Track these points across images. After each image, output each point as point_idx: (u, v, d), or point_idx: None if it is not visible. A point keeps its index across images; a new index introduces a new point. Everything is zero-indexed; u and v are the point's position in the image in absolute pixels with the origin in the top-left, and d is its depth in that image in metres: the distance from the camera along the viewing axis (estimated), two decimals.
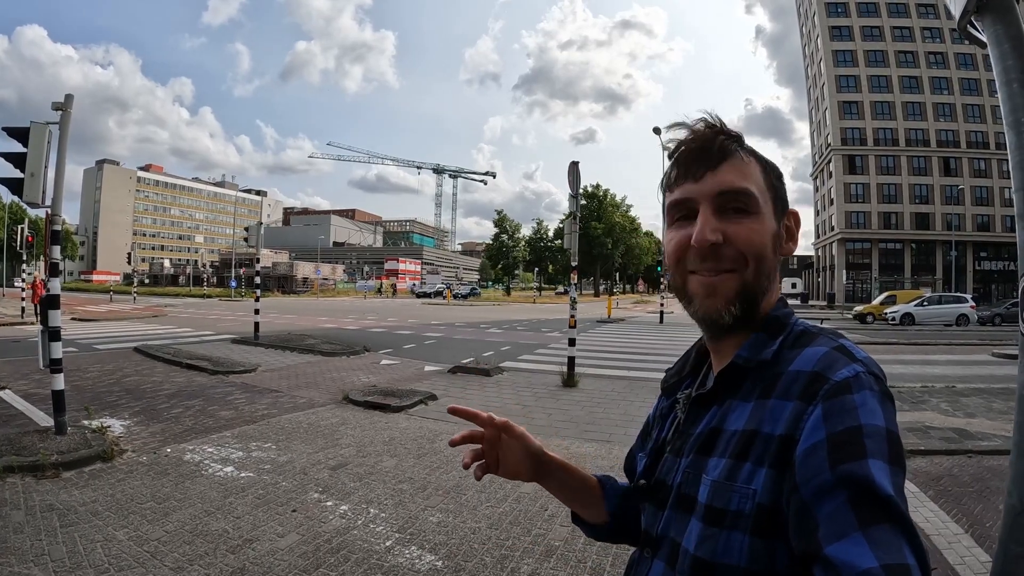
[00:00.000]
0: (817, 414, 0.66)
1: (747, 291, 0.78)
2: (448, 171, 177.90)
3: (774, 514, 0.66)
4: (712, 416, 0.79)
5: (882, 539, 0.57)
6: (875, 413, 0.65)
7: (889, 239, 61.82)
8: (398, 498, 4.48)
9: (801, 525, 0.62)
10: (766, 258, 0.79)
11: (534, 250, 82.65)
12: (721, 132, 0.81)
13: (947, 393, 8.99)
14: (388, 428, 6.60)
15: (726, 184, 0.78)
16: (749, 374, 0.77)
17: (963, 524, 4.15)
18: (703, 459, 0.76)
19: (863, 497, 0.59)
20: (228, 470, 5.04)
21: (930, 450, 5.91)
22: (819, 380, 0.69)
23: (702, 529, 0.71)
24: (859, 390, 0.66)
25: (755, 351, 0.78)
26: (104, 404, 7.37)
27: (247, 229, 16.52)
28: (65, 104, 5.89)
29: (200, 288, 59.51)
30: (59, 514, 3.99)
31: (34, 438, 5.53)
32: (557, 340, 17.79)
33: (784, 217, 0.84)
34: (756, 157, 0.82)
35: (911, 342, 19.10)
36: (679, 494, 0.78)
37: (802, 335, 0.79)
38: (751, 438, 0.71)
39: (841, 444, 0.63)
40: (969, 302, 29.68)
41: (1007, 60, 1.30)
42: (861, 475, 0.60)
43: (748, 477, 0.69)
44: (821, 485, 0.61)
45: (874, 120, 62.12)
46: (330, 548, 3.60)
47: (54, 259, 5.99)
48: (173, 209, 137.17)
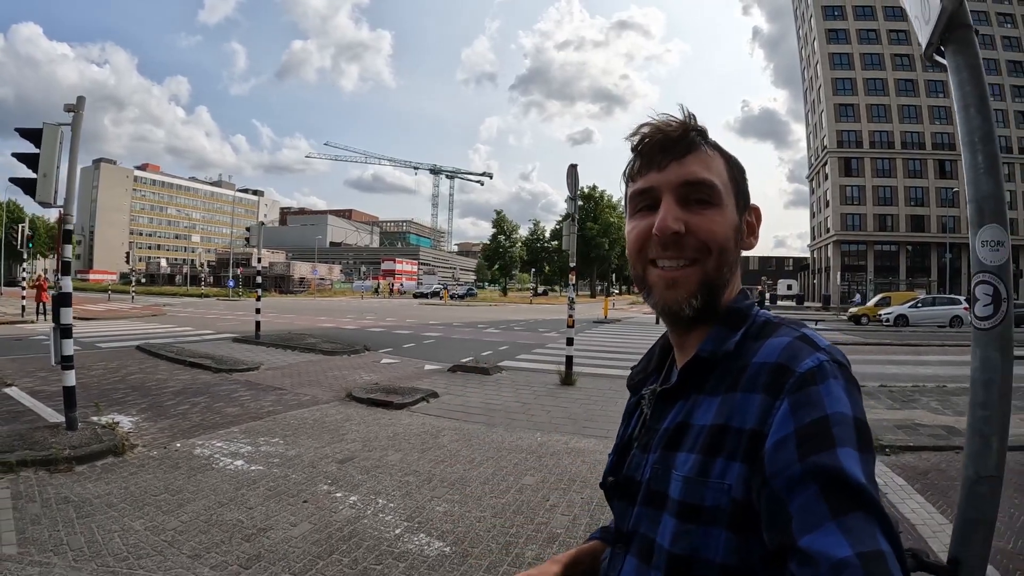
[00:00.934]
0: (784, 407, 0.66)
1: (708, 283, 0.79)
2: (445, 172, 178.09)
3: (748, 509, 0.66)
4: (678, 411, 0.79)
5: (855, 527, 0.57)
6: (841, 401, 0.66)
7: (884, 241, 62.11)
8: (405, 489, 4.62)
9: (774, 518, 0.62)
10: (728, 250, 0.79)
11: (531, 251, 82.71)
12: (686, 125, 0.81)
13: (938, 392, 9.12)
14: (392, 424, 6.73)
15: (690, 175, 0.79)
16: (714, 368, 0.77)
17: (948, 516, 4.28)
18: (671, 454, 0.76)
19: (834, 487, 0.60)
20: (238, 464, 5.17)
21: (918, 446, 6.03)
22: (784, 372, 0.69)
23: (676, 525, 0.71)
24: (823, 380, 0.67)
25: (718, 343, 0.78)
26: (111, 401, 7.48)
27: (248, 229, 16.63)
28: (77, 106, 6.00)
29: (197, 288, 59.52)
30: (75, 506, 4.10)
31: (45, 433, 5.63)
32: (554, 340, 17.91)
33: (746, 212, 0.85)
34: (720, 151, 0.83)
35: (904, 343, 19.26)
36: (648, 490, 0.78)
37: (764, 326, 0.79)
38: (721, 433, 0.71)
39: (809, 436, 0.63)
40: (963, 304, 29.81)
41: (965, 87, 1.48)
42: (831, 465, 0.61)
43: (721, 472, 0.69)
44: (791, 477, 0.62)
45: (870, 123, 62.44)
46: (342, 536, 3.74)
47: (66, 258, 6.12)
48: (170, 208, 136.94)
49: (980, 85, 1.49)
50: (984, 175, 1.50)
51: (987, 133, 1.50)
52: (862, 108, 62.75)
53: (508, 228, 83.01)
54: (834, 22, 64.25)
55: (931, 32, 1.52)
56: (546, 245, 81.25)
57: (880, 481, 5.01)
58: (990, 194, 1.47)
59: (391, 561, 3.43)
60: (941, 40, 1.52)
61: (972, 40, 1.49)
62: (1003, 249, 1.46)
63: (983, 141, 1.51)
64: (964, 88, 1.51)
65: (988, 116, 1.50)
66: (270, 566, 3.31)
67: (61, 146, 5.97)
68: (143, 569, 3.24)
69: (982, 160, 1.50)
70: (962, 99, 1.52)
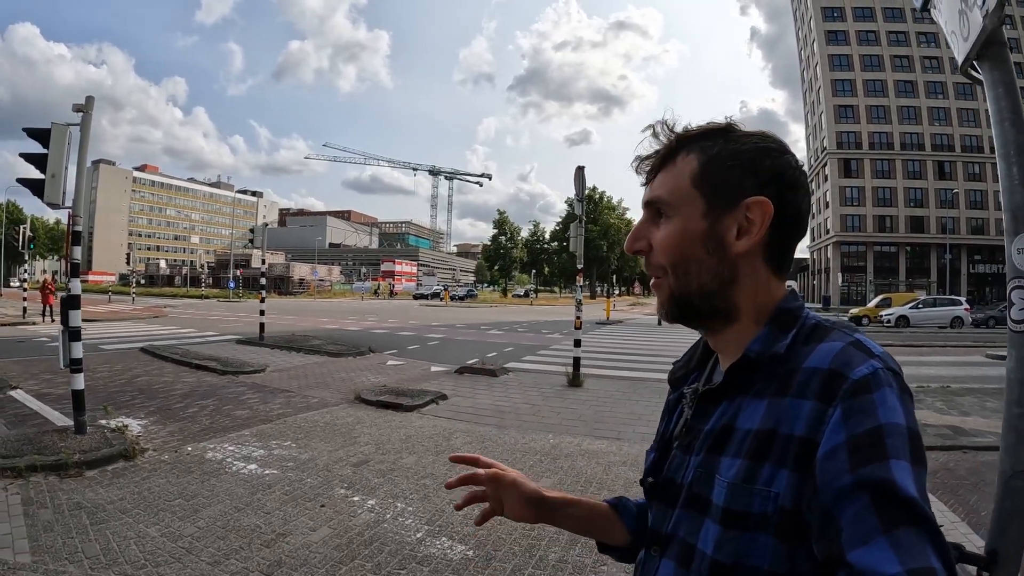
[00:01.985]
0: (837, 415, 0.64)
1: (675, 294, 0.79)
2: (444, 173, 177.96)
3: (796, 517, 0.65)
4: (722, 413, 0.77)
5: (906, 543, 0.56)
6: (895, 411, 0.64)
7: (884, 242, 62.13)
8: (422, 493, 4.58)
9: (823, 530, 0.61)
10: (689, 260, 0.77)
11: (531, 252, 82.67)
12: (665, 139, 0.81)
13: (942, 393, 9.14)
14: (403, 427, 6.69)
15: (649, 194, 0.82)
16: (761, 369, 0.75)
17: (959, 513, 4.34)
18: (715, 458, 0.74)
19: (885, 500, 0.58)
20: (252, 468, 5.12)
21: (927, 446, 5.92)
22: (837, 378, 0.67)
23: (721, 532, 0.70)
24: (878, 388, 0.65)
25: (767, 345, 0.75)
26: (119, 404, 7.43)
27: (252, 231, 16.58)
28: (86, 106, 5.96)
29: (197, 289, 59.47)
30: (88, 512, 4.04)
31: (54, 437, 5.57)
32: (558, 341, 17.90)
33: (731, 210, 0.77)
34: (703, 152, 0.78)
35: (906, 344, 19.29)
36: (690, 493, 0.76)
37: (815, 329, 0.76)
38: (769, 438, 0.69)
39: (862, 446, 0.62)
40: (964, 304, 29.91)
41: (1000, 101, 1.53)
42: (882, 477, 0.59)
43: (768, 479, 0.67)
44: (842, 489, 0.60)
45: (869, 124, 62.47)
46: (363, 540, 3.70)
47: (75, 260, 6.07)
48: (169, 209, 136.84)
49: (1015, 99, 1.53)
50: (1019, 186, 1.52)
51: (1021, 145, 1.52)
52: (862, 109, 62.78)
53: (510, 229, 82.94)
54: (833, 23, 64.29)
55: (969, 48, 1.55)
56: (546, 246, 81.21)
57: None
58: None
59: (415, 566, 3.38)
60: (978, 56, 1.55)
61: (1007, 57, 1.54)
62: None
63: (1018, 153, 1.53)
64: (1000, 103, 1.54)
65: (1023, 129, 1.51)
66: (292, 572, 3.26)
67: (69, 146, 5.92)
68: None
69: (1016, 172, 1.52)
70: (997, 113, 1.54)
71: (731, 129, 0.80)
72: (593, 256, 73.73)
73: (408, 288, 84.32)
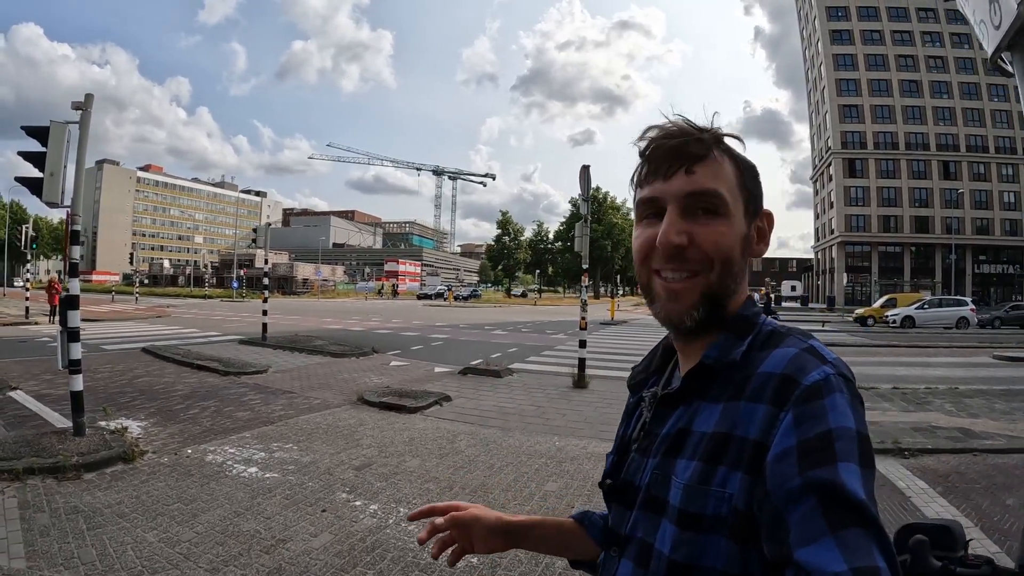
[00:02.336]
0: (788, 420, 0.66)
1: (711, 295, 0.77)
2: (448, 173, 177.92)
3: (749, 519, 0.66)
4: (679, 416, 0.78)
5: (852, 543, 0.57)
6: (845, 415, 0.65)
7: (889, 242, 61.98)
8: (426, 497, 4.49)
9: (773, 530, 0.62)
10: (733, 261, 0.78)
11: (535, 252, 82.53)
12: (696, 131, 0.79)
13: (950, 394, 9.09)
14: (407, 429, 6.60)
15: (695, 185, 0.77)
16: (718, 375, 0.76)
17: (972, 518, 4.26)
18: (671, 460, 0.75)
19: (833, 501, 0.59)
20: (252, 471, 5.04)
21: (937, 449, 6.02)
22: (790, 383, 0.68)
23: (677, 532, 0.71)
24: (829, 393, 0.66)
25: (724, 352, 0.77)
26: (119, 405, 7.36)
27: (255, 230, 16.55)
28: (85, 103, 5.89)
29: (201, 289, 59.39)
30: (85, 516, 3.97)
31: (52, 439, 5.51)
32: (562, 342, 17.83)
33: (757, 218, 0.83)
34: (732, 156, 0.81)
35: (912, 344, 19.16)
36: (648, 495, 0.77)
37: (771, 335, 0.77)
38: (724, 441, 0.70)
39: (811, 450, 0.63)
40: (969, 305, 29.75)
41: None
42: (830, 480, 0.60)
43: (723, 481, 0.69)
44: (791, 490, 0.61)
45: (874, 124, 62.32)
46: (364, 547, 3.61)
47: (73, 259, 6.00)
48: (173, 209, 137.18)
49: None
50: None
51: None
52: (866, 109, 62.60)
53: (513, 229, 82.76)
54: (838, 23, 64.11)
55: (1000, 37, 1.45)
56: (550, 246, 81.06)
57: (903, 484, 4.99)
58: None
59: (418, 573, 3.30)
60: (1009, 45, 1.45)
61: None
62: None
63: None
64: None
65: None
66: None
67: (68, 145, 5.85)
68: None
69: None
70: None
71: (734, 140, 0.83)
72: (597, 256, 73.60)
73: (412, 288, 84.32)
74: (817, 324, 29.21)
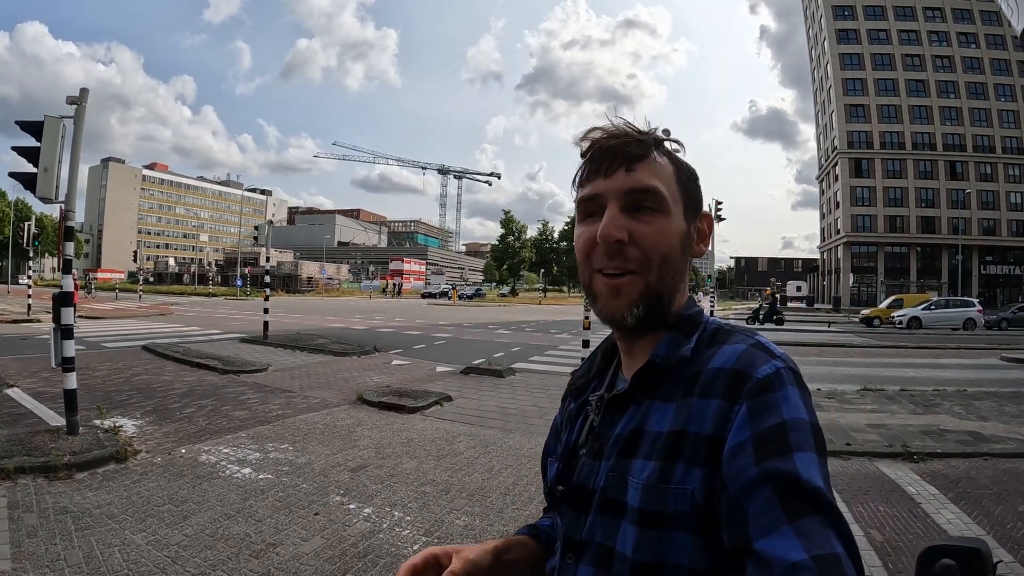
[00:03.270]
0: (743, 413, 0.67)
1: (650, 292, 0.78)
2: (453, 172, 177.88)
3: (711, 512, 0.66)
4: (631, 417, 0.78)
5: (810, 531, 0.58)
6: (798, 407, 0.67)
7: (895, 243, 61.81)
8: (422, 501, 4.40)
9: (732, 522, 0.63)
10: (672, 259, 0.79)
11: (539, 251, 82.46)
12: (637, 133, 0.81)
13: (959, 396, 8.94)
14: (405, 429, 6.51)
15: (635, 183, 0.78)
16: (667, 373, 0.77)
17: (984, 526, 4.14)
18: (626, 461, 0.74)
19: (790, 491, 0.60)
20: (246, 472, 4.95)
21: (947, 453, 5.90)
22: (741, 377, 0.70)
23: (638, 533, 0.70)
24: (781, 386, 0.68)
25: (672, 350, 0.78)
26: (115, 403, 7.28)
27: (257, 228, 16.48)
28: (80, 98, 5.81)
29: (205, 287, 59.63)
30: (74, 517, 3.89)
31: (45, 438, 5.44)
32: (566, 342, 17.75)
33: (696, 219, 0.85)
34: (671, 158, 0.83)
35: (920, 345, 19.00)
36: (604, 498, 0.76)
37: (717, 332, 0.79)
38: (679, 438, 0.71)
39: (766, 440, 0.64)
40: (977, 306, 29.54)
41: None
42: (787, 470, 0.61)
43: (682, 478, 0.69)
44: (748, 481, 0.62)
45: (880, 124, 62.13)
46: (356, 552, 3.51)
47: (67, 256, 5.91)
48: (178, 208, 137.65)
49: None
50: None
51: None
52: (872, 109, 62.41)
53: (516, 228, 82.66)
54: (844, 22, 63.93)
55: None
56: (555, 246, 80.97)
57: (912, 490, 4.86)
58: None
59: None
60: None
61: None
62: None
63: None
64: None
65: None
66: None
67: (63, 140, 5.78)
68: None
69: None
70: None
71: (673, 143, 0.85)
72: None
73: (416, 287, 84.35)
74: (823, 325, 29.05)
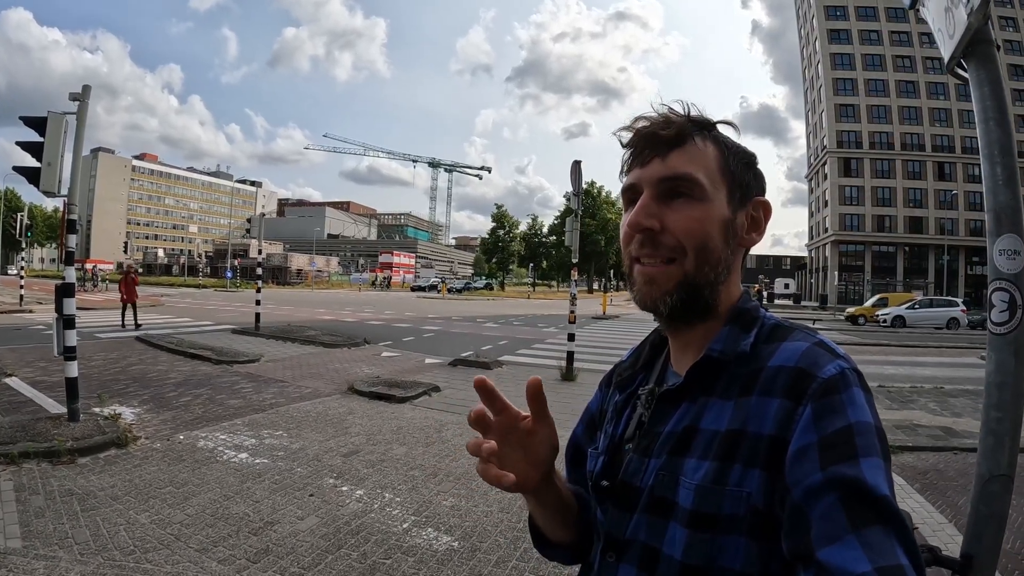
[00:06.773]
0: (808, 414, 0.65)
1: (687, 282, 0.75)
2: (444, 165, 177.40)
3: (768, 517, 0.65)
4: (683, 414, 0.75)
5: (874, 541, 0.56)
6: (863, 410, 0.65)
7: (882, 242, 62.20)
8: (411, 484, 4.64)
9: (794, 528, 0.61)
10: (710, 247, 0.76)
11: (528, 245, 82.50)
12: (674, 118, 0.78)
13: (935, 393, 9.18)
14: (395, 418, 6.74)
15: (668, 170, 0.76)
16: (724, 369, 0.74)
17: (947, 515, 4.39)
18: (679, 460, 0.72)
19: (855, 498, 0.58)
20: (243, 456, 5.17)
21: (917, 446, 6.12)
22: (805, 377, 0.67)
23: (689, 535, 0.69)
24: (847, 388, 0.66)
25: (730, 344, 0.75)
26: (112, 392, 7.46)
27: (249, 220, 16.60)
28: (83, 95, 5.97)
29: (195, 278, 59.27)
30: (79, 499, 4.09)
31: (47, 424, 5.61)
32: (553, 336, 17.95)
33: (749, 205, 0.81)
34: (718, 143, 0.79)
35: (902, 344, 19.33)
36: (652, 497, 0.74)
37: (776, 329, 0.77)
38: (736, 438, 0.69)
39: (832, 445, 0.62)
40: (960, 306, 29.96)
41: (986, 100, 1.53)
42: (853, 476, 0.59)
43: (739, 480, 0.67)
44: (813, 487, 0.60)
45: (870, 123, 62.43)
46: (350, 530, 3.76)
47: (70, 248, 6.10)
48: (167, 198, 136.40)
49: (1000, 99, 1.53)
50: (1002, 186, 1.54)
51: (1006, 146, 1.54)
52: (863, 109, 62.74)
53: (508, 223, 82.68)
54: (836, 22, 64.14)
55: (955, 46, 1.57)
56: (544, 240, 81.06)
57: None
58: (1007, 204, 1.52)
59: (400, 555, 3.44)
60: (964, 54, 1.57)
61: (994, 55, 1.54)
62: (1019, 258, 1.50)
63: (1002, 153, 1.54)
64: (984, 102, 1.55)
65: (1008, 129, 1.54)
66: (279, 560, 3.32)
67: (65, 135, 5.94)
68: (150, 563, 3.24)
69: (1000, 172, 1.54)
70: (982, 112, 1.57)
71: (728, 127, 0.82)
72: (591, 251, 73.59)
73: (406, 280, 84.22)
74: (808, 322, 29.34)
